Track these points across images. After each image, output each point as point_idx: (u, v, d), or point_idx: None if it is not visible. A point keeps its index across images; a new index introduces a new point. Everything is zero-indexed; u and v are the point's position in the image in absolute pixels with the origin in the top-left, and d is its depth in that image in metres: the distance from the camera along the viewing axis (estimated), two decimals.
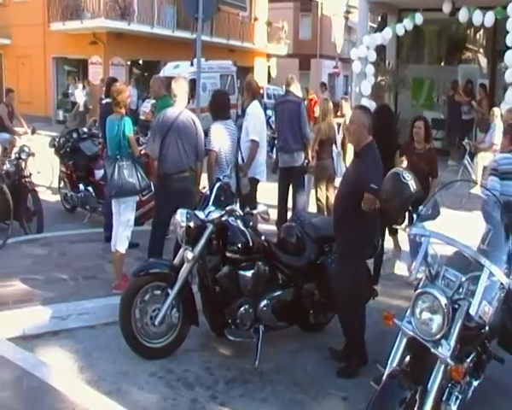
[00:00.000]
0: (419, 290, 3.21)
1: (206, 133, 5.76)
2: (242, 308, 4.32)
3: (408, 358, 3.29)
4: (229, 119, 5.96)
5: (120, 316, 4.30)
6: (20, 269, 5.88)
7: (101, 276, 5.82)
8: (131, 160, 5.48)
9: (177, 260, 4.43)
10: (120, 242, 5.46)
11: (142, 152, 6.59)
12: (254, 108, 6.75)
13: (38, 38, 23.06)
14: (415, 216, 3.49)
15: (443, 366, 3.02)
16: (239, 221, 4.39)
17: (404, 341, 3.21)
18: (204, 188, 5.65)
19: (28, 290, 5.35)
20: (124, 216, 5.47)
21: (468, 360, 3.36)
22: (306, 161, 7.08)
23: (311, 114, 14.46)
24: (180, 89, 5.54)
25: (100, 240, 6.88)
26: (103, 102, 7.85)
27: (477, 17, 12.83)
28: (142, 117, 16.06)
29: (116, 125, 5.44)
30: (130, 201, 5.52)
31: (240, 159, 6.34)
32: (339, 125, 8.54)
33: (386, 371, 3.18)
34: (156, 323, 4.28)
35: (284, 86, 8.12)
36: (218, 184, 4.70)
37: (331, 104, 7.97)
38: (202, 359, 4.43)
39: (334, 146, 7.88)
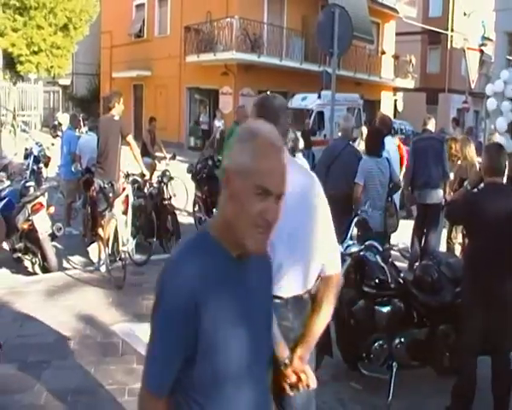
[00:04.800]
0: None
1: None
2: (377, 344, 4.32)
3: None
4: (381, 156, 6.06)
5: None
6: None
7: None
8: None
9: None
10: None
11: None
12: (389, 144, 6.81)
13: (175, 69, 24.80)
14: None
15: None
16: (378, 257, 4.42)
17: None
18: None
19: None
20: None
21: None
22: (443, 199, 6.99)
23: None
24: (346, 125, 6.75)
25: None
26: None
27: None
28: None
29: None
30: None
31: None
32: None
33: None
34: None
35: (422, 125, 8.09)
36: (355, 219, 4.77)
37: (472, 142, 7.80)
38: (334, 390, 4.47)
39: None
